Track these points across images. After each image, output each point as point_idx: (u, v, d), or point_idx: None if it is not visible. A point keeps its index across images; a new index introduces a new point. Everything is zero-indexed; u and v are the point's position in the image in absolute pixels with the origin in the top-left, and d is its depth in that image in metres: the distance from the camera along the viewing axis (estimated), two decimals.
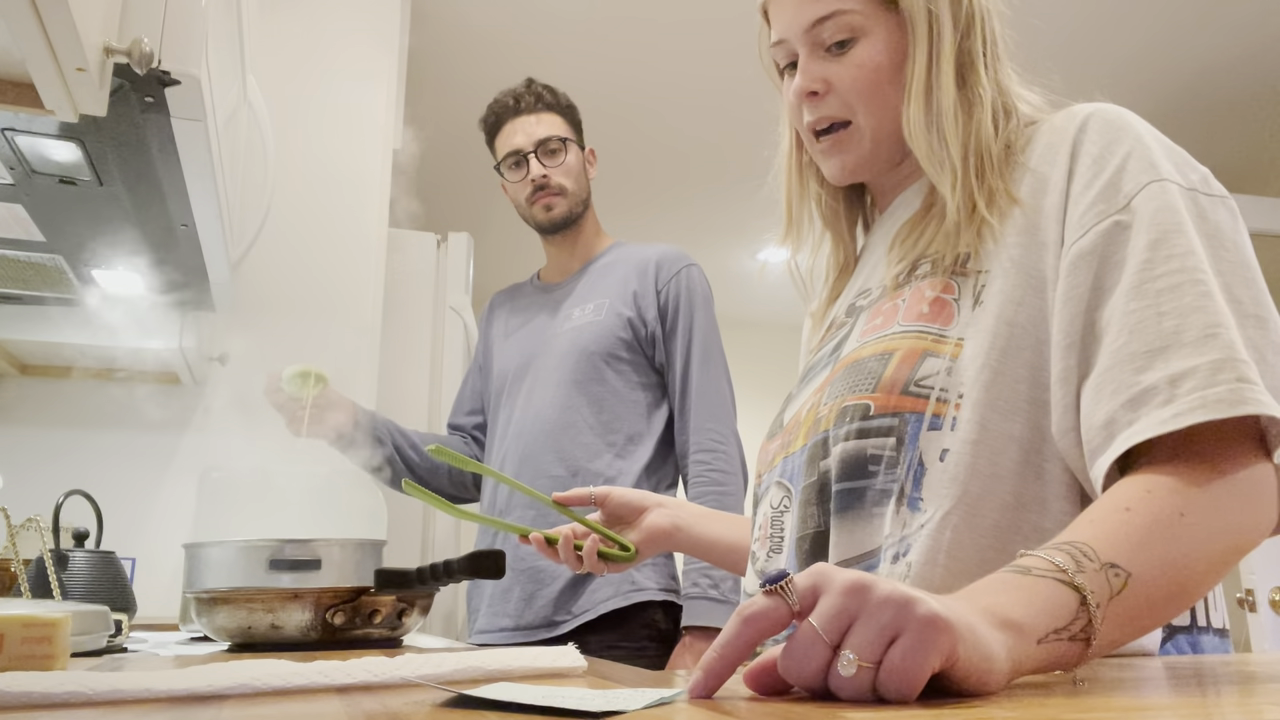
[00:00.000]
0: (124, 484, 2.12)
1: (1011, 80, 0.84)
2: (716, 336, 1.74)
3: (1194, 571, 0.59)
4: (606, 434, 1.67)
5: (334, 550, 1.40)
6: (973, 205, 0.77)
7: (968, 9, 0.81)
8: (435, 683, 0.61)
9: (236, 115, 1.59)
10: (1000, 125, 0.80)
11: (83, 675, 0.56)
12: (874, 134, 0.84)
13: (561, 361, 1.72)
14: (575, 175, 1.79)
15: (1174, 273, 0.66)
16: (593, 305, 1.76)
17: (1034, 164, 0.77)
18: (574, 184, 1.79)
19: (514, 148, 1.77)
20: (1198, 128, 3.71)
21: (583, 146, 1.84)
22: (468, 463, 0.97)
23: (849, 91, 0.82)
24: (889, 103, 0.82)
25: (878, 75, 0.81)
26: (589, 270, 1.83)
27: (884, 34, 0.81)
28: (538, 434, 1.70)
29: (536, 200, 1.76)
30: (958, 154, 0.78)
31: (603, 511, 1.08)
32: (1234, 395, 0.60)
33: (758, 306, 5.88)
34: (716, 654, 0.47)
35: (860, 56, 0.82)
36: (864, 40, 0.82)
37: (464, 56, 3.24)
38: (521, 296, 1.92)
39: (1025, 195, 0.76)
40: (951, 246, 0.78)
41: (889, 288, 0.83)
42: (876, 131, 0.83)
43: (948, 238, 0.79)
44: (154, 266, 1.63)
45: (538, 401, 1.72)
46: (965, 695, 0.45)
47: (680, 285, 1.74)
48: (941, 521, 0.69)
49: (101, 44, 0.97)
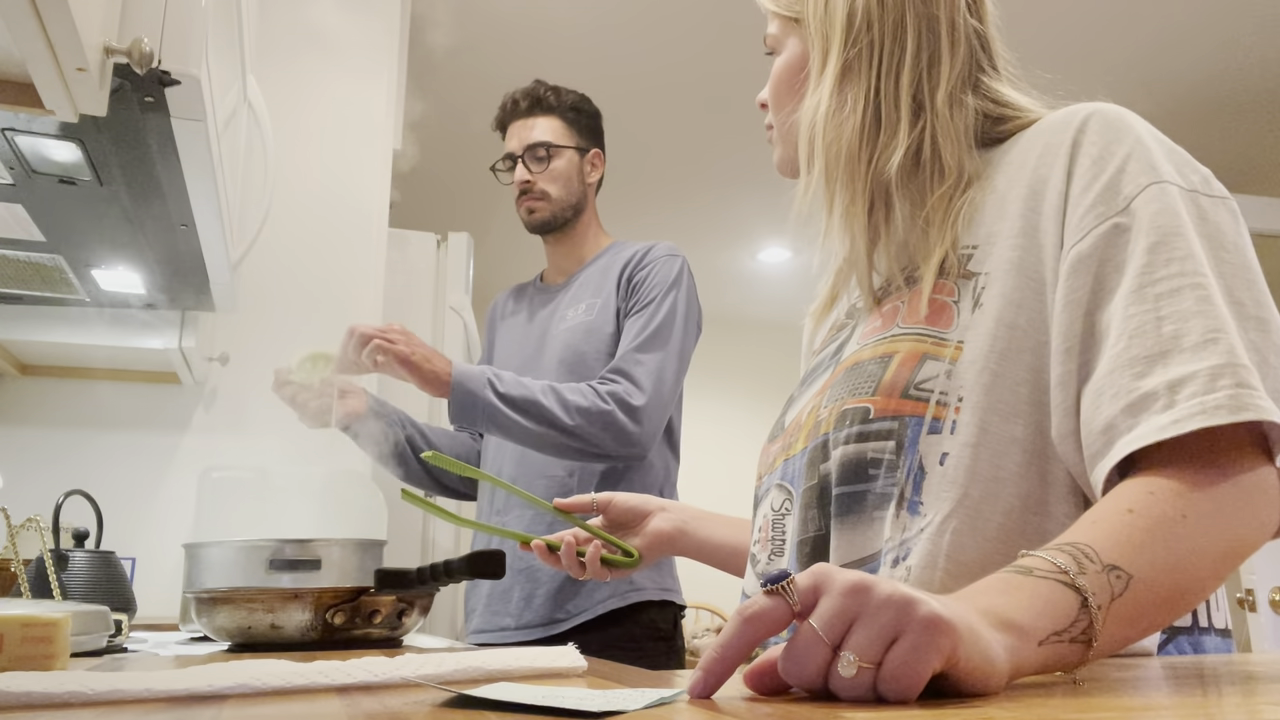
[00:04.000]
0: (124, 484, 2.12)
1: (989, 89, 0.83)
2: (679, 326, 1.69)
3: (1195, 574, 0.59)
4: None
5: (334, 550, 1.41)
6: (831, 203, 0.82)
7: (870, 31, 0.82)
8: (435, 683, 0.61)
9: (236, 115, 1.59)
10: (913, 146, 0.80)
11: (83, 675, 0.56)
12: (782, 134, 0.92)
13: (558, 361, 1.72)
14: (563, 180, 1.80)
15: (1174, 276, 0.65)
16: (585, 305, 1.77)
17: (1033, 165, 0.76)
18: (560, 189, 1.80)
19: (507, 151, 1.83)
20: (1198, 127, 3.71)
21: (585, 150, 1.84)
22: (464, 468, 0.96)
23: (769, 99, 0.93)
24: (787, 109, 0.90)
25: (779, 82, 0.91)
26: (586, 271, 1.83)
27: (790, 45, 0.90)
28: None
29: (521, 204, 1.82)
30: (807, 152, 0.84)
31: (605, 517, 1.07)
32: (1234, 401, 0.60)
33: (758, 306, 5.88)
34: (717, 654, 0.47)
35: (775, 67, 0.92)
36: (780, 54, 0.92)
37: (464, 56, 3.24)
38: (524, 297, 1.93)
39: (1023, 196, 0.76)
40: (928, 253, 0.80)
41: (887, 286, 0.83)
42: (783, 132, 0.91)
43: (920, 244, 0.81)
44: (154, 266, 1.63)
45: None
46: (965, 696, 0.46)
47: (649, 271, 1.73)
48: (941, 525, 0.69)
49: (101, 44, 0.97)
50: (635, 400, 1.60)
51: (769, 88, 0.92)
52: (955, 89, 0.81)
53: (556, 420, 1.56)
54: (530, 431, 1.56)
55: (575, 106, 1.84)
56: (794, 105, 0.88)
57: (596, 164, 1.86)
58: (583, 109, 1.85)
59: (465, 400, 1.54)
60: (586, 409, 1.57)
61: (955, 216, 0.78)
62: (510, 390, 1.55)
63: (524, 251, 1.98)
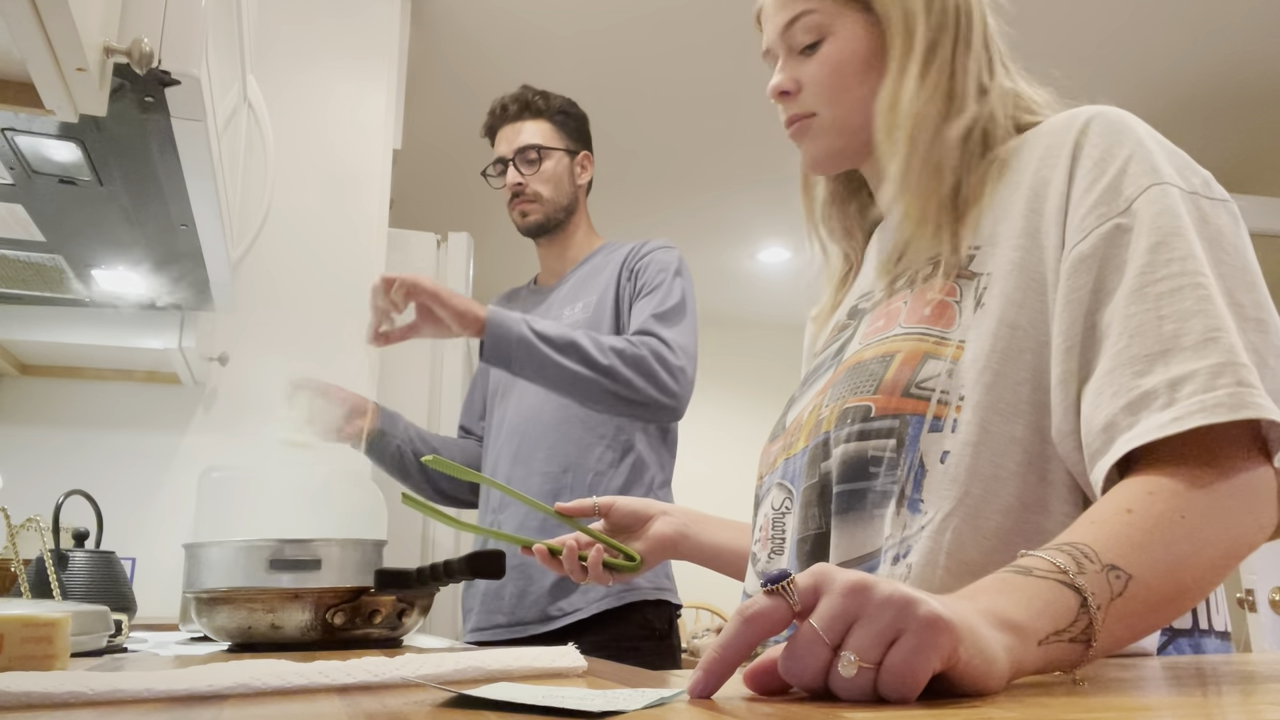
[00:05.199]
0: (124, 484, 2.12)
1: (1009, 80, 0.84)
2: (690, 308, 1.70)
3: (1194, 574, 0.59)
4: (598, 428, 1.68)
5: (334, 550, 1.40)
6: (924, 203, 0.79)
7: (943, 10, 0.82)
8: (435, 683, 0.60)
9: (236, 115, 1.59)
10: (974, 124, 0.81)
11: (83, 675, 0.56)
12: (837, 125, 0.86)
13: None
14: (555, 183, 1.81)
15: (1174, 276, 0.65)
16: (581, 304, 1.77)
17: (1035, 166, 0.77)
18: (552, 191, 1.81)
19: (498, 155, 1.84)
20: (1198, 128, 3.71)
21: (575, 152, 1.85)
22: (465, 472, 0.96)
23: (816, 87, 0.86)
24: (854, 96, 0.84)
25: (842, 71, 0.84)
26: (579, 271, 1.85)
27: (849, 32, 0.84)
28: (529, 432, 1.71)
29: (513, 206, 1.83)
30: (906, 147, 0.80)
31: (606, 521, 1.07)
32: (1234, 399, 0.60)
33: (758, 306, 5.88)
34: (717, 654, 0.47)
35: (826, 54, 0.85)
36: (830, 39, 0.85)
37: (463, 56, 3.24)
38: (518, 300, 1.94)
39: (1026, 198, 0.76)
40: (926, 248, 0.79)
41: (889, 284, 0.83)
42: (841, 123, 0.86)
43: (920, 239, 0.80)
44: (154, 266, 1.63)
45: (530, 399, 1.72)
46: (965, 696, 0.46)
47: (651, 259, 1.74)
48: (942, 523, 0.69)
49: (101, 44, 0.97)
50: (669, 356, 1.59)
51: (820, 76, 0.85)
52: (999, 73, 0.84)
53: (592, 359, 1.53)
54: (565, 370, 1.53)
55: (564, 110, 1.85)
56: (860, 92, 0.84)
57: (586, 166, 1.88)
58: (571, 112, 1.87)
59: (500, 334, 1.51)
60: (622, 350, 1.56)
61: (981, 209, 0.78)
62: (546, 329, 1.54)
63: (524, 252, 1.98)
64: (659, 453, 1.74)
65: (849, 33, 0.84)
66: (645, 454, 1.69)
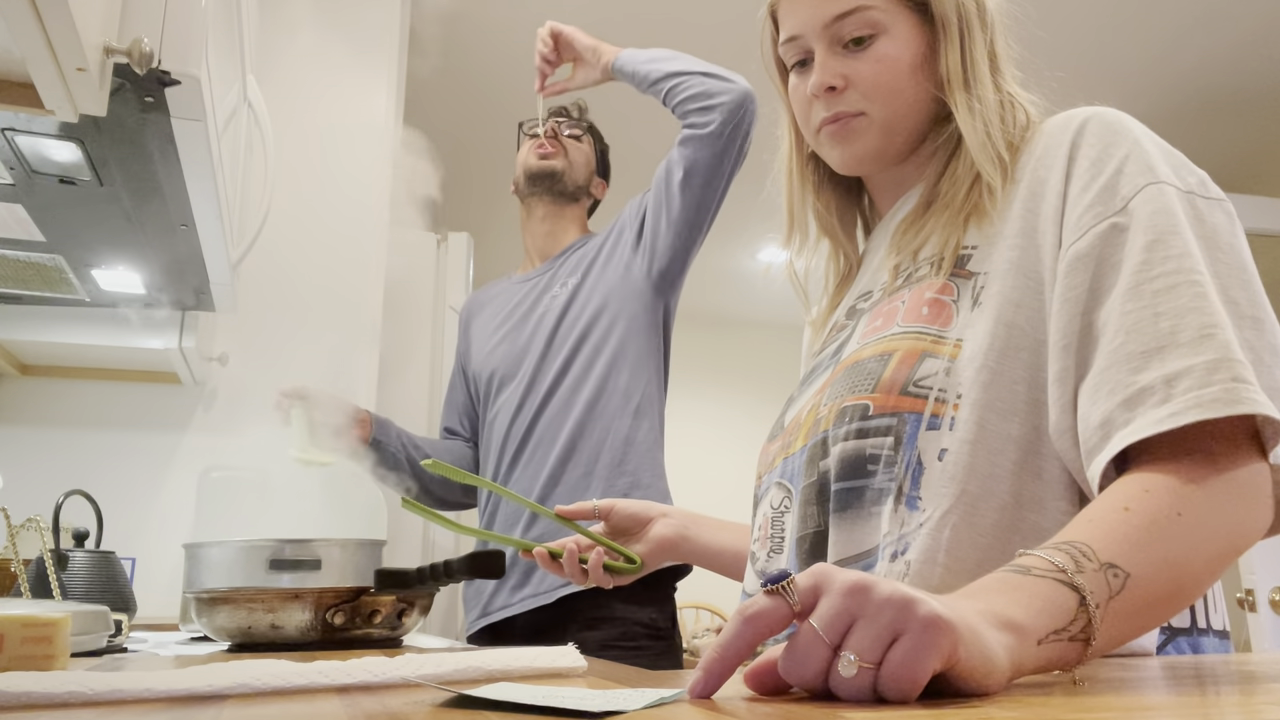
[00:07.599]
0: (124, 484, 2.12)
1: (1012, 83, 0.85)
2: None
3: (1191, 571, 0.59)
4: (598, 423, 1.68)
5: (334, 550, 1.40)
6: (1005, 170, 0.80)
7: (983, 14, 0.84)
8: (435, 683, 0.61)
9: (236, 115, 1.59)
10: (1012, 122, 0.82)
11: (83, 675, 0.56)
12: (886, 126, 0.84)
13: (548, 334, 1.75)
14: (581, 161, 1.87)
15: (1170, 274, 0.66)
16: (578, 276, 1.80)
17: (1032, 166, 0.77)
18: (577, 158, 1.86)
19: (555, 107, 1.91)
20: (1197, 128, 3.71)
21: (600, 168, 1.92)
22: (464, 475, 0.96)
23: (869, 86, 0.83)
24: (906, 97, 0.83)
25: (897, 70, 0.82)
26: (569, 255, 1.86)
27: (904, 31, 0.83)
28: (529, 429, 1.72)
29: (537, 147, 1.86)
30: (1003, 147, 0.79)
31: (606, 524, 1.07)
32: (1229, 395, 0.60)
33: (758, 306, 5.88)
34: (717, 654, 0.47)
35: (881, 51, 0.82)
36: (884, 36, 0.82)
37: (463, 57, 3.24)
38: (500, 294, 1.94)
39: (1023, 198, 0.76)
40: (951, 240, 0.79)
41: (889, 280, 0.83)
42: (889, 124, 0.84)
43: (947, 230, 0.79)
44: (154, 266, 1.63)
45: (525, 396, 1.73)
46: (965, 696, 0.46)
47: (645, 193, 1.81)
48: (940, 520, 0.69)
49: (101, 44, 0.97)
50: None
51: (875, 74, 0.82)
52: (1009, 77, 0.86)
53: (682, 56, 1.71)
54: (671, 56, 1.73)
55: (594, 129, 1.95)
56: (912, 95, 0.83)
57: (600, 186, 1.94)
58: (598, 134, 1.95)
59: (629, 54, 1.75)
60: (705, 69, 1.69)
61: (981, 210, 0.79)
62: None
63: (524, 252, 1.97)
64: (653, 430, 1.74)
65: (905, 32, 0.83)
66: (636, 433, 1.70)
